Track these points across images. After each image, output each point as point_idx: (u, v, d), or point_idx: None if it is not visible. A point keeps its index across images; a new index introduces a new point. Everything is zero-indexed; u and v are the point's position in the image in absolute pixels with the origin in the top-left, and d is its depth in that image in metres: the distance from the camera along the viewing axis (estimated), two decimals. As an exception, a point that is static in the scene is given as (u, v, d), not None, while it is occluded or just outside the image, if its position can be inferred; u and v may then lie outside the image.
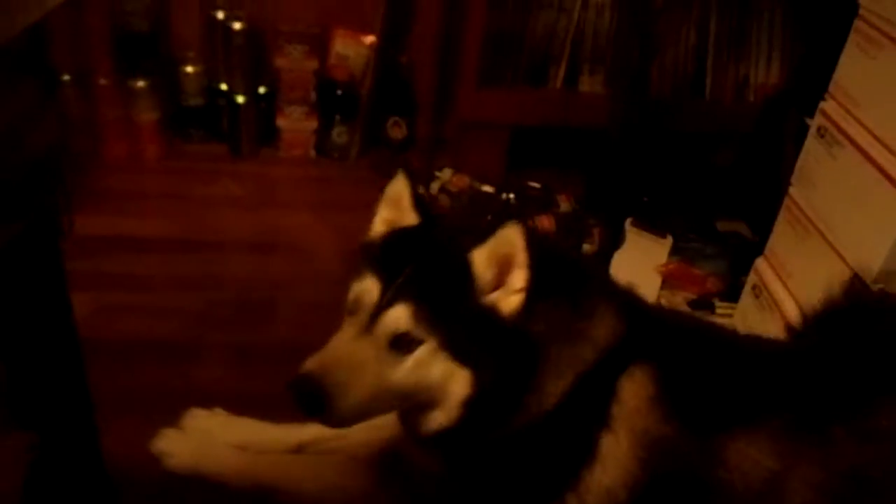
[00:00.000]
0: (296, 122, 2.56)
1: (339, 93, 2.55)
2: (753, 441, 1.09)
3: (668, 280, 2.04)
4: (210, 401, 1.53)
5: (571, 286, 1.16)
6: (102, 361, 1.34)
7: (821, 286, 1.56)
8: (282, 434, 1.47)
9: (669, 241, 2.04)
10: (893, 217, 1.41)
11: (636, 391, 1.11)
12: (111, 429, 1.33)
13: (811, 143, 1.66)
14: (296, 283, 2.03)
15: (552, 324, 1.11)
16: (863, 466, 1.08)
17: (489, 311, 1.06)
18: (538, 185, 2.43)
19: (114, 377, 1.54)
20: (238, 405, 1.53)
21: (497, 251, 1.06)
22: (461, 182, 2.41)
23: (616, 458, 1.10)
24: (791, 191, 1.72)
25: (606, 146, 2.22)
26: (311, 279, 2.04)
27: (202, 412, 1.50)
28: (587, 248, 2.20)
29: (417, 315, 1.03)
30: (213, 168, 2.49)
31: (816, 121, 1.64)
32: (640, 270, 2.00)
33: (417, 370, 1.05)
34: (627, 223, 2.08)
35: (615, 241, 2.10)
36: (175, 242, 2.15)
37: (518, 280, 1.06)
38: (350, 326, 1.08)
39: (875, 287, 1.44)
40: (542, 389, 1.10)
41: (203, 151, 2.55)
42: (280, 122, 2.55)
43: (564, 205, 2.38)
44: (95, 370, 1.28)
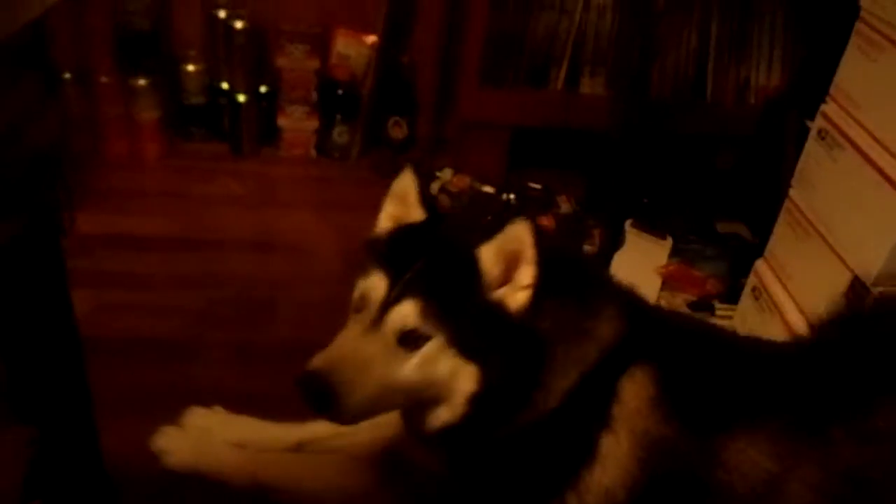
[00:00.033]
0: (297, 122, 2.56)
1: (341, 92, 2.55)
2: (753, 442, 1.09)
3: (668, 281, 2.04)
4: (209, 399, 1.53)
5: (577, 285, 1.16)
6: (102, 359, 1.34)
7: (821, 288, 1.57)
8: (281, 433, 1.47)
9: (669, 243, 2.05)
10: (894, 219, 1.41)
11: (637, 391, 1.11)
12: (111, 426, 1.33)
13: (812, 146, 1.66)
14: (296, 283, 2.03)
15: (558, 322, 1.11)
16: (862, 468, 1.08)
17: (497, 307, 1.06)
18: (538, 186, 2.43)
19: (113, 375, 1.54)
20: (238, 404, 1.53)
21: (505, 247, 1.06)
22: (462, 182, 2.41)
23: (616, 458, 1.10)
24: (791, 193, 1.72)
25: (607, 147, 2.22)
26: (311, 278, 2.04)
27: (202, 410, 1.49)
28: (587, 249, 2.20)
29: (425, 311, 1.03)
30: (214, 167, 2.49)
31: (817, 123, 1.64)
32: (640, 272, 2.00)
33: (425, 366, 1.05)
34: (627, 224, 2.09)
35: (615, 243, 2.10)
36: (175, 241, 2.15)
37: (526, 276, 1.06)
38: (357, 323, 1.07)
39: (875, 290, 1.44)
40: (547, 388, 1.10)
41: (204, 150, 2.55)
42: (281, 122, 2.55)
43: (565, 206, 2.38)
44: (95, 368, 1.28)
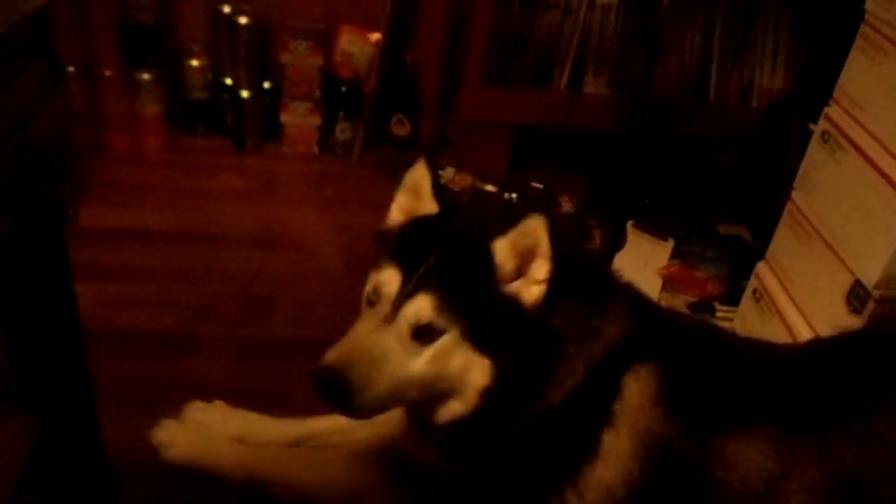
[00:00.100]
0: (300, 118, 2.56)
1: (344, 89, 2.55)
2: (752, 442, 1.10)
3: (669, 282, 2.04)
4: (210, 393, 1.53)
5: (587, 283, 1.16)
6: (103, 352, 1.34)
7: (822, 291, 1.58)
8: (281, 427, 1.48)
9: (671, 244, 2.05)
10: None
11: (640, 389, 1.11)
12: (111, 419, 1.34)
13: (814, 148, 1.67)
14: (297, 279, 2.03)
15: (570, 320, 1.11)
16: (861, 469, 1.08)
17: (511, 301, 1.06)
18: (540, 186, 2.44)
19: (114, 368, 1.55)
20: (238, 398, 1.53)
21: (520, 241, 1.06)
22: (464, 181, 2.42)
23: (617, 456, 1.10)
24: (793, 195, 1.73)
25: (610, 148, 2.22)
26: (312, 274, 2.05)
27: (202, 404, 1.50)
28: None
29: (440, 305, 1.03)
30: (217, 162, 2.49)
31: (820, 126, 1.65)
32: (641, 272, 2.00)
33: (439, 360, 1.05)
34: (629, 225, 2.09)
35: (616, 243, 2.10)
36: (177, 236, 2.15)
37: (541, 271, 1.06)
38: (370, 317, 1.07)
39: (876, 293, 1.44)
40: (556, 384, 1.10)
41: (207, 145, 2.56)
42: (284, 118, 2.55)
43: (566, 206, 2.38)
44: (96, 361, 1.29)
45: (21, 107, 0.93)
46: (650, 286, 2.00)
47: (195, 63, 2.50)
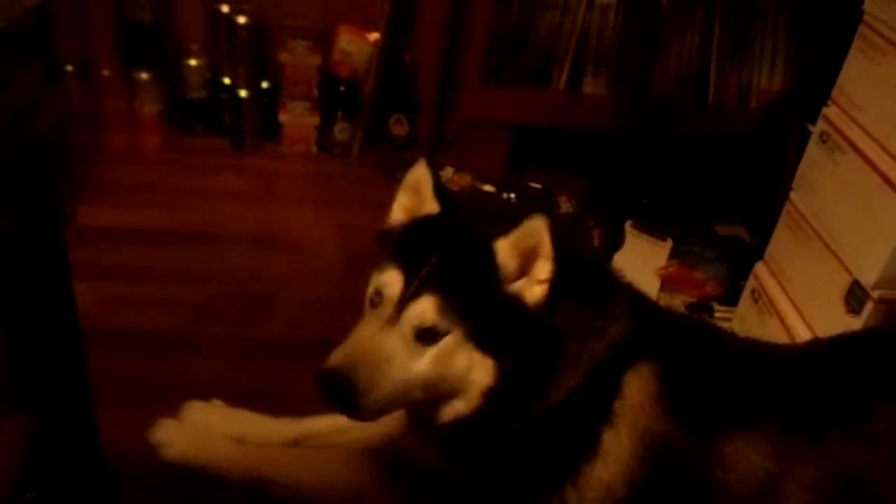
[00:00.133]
0: (298, 118, 2.56)
1: (342, 89, 2.55)
2: (751, 441, 1.10)
3: (668, 283, 2.05)
4: (208, 392, 1.53)
5: (589, 283, 1.16)
6: (101, 352, 1.34)
7: (820, 292, 1.58)
8: (280, 427, 1.47)
9: (669, 244, 2.05)
10: (894, 223, 1.42)
11: (640, 388, 1.11)
12: (109, 418, 1.34)
13: (813, 149, 1.67)
14: (295, 278, 2.03)
15: (572, 319, 1.11)
16: (859, 469, 1.08)
17: (514, 300, 1.06)
18: (539, 186, 2.44)
19: (113, 367, 1.54)
20: (236, 397, 1.53)
21: (522, 242, 1.06)
22: (462, 181, 2.42)
23: (617, 454, 1.10)
24: (792, 196, 1.73)
25: (608, 148, 2.22)
26: (311, 274, 2.05)
27: (200, 404, 1.50)
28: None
29: (443, 307, 1.03)
30: (215, 162, 2.49)
31: (819, 126, 1.65)
32: (640, 273, 2.00)
33: (442, 360, 1.05)
34: (627, 225, 2.09)
35: (615, 243, 2.10)
36: (175, 235, 2.15)
37: (543, 271, 1.06)
38: (374, 318, 1.07)
39: (875, 293, 1.44)
40: (559, 383, 1.10)
41: (205, 145, 2.55)
42: (282, 118, 2.55)
43: (565, 206, 2.39)
44: (94, 360, 1.29)
45: (20, 104, 0.93)
46: (648, 286, 1.99)
47: (194, 62, 2.50)
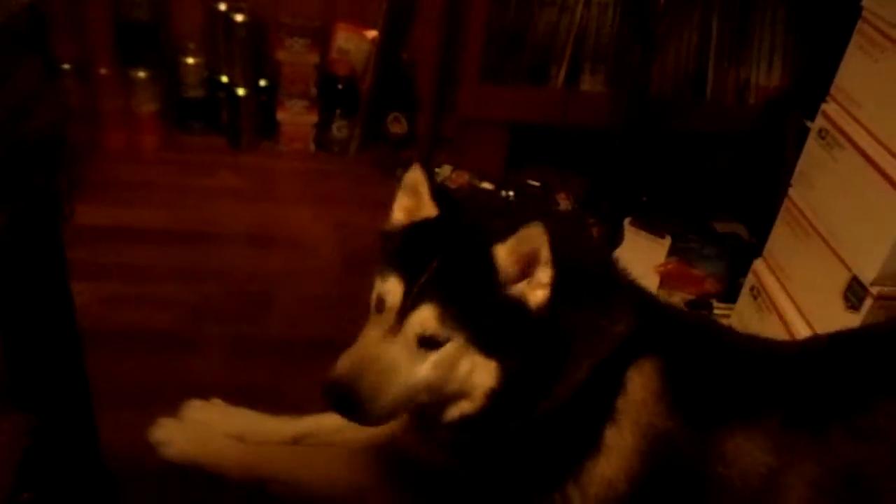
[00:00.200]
0: (296, 116, 2.55)
1: (340, 87, 2.54)
2: (752, 437, 1.10)
3: (666, 280, 2.04)
4: (208, 391, 1.53)
5: (592, 282, 1.16)
6: (99, 351, 1.33)
7: (819, 288, 1.58)
8: (279, 425, 1.47)
9: (668, 242, 2.05)
10: (893, 219, 1.42)
11: (643, 384, 1.12)
12: (109, 418, 1.33)
13: (812, 145, 1.67)
14: (293, 277, 2.03)
15: (575, 319, 1.11)
16: (859, 464, 1.09)
17: (515, 303, 1.06)
18: (537, 184, 2.44)
19: (111, 367, 1.53)
20: (236, 396, 1.52)
21: (519, 248, 1.05)
22: (460, 179, 2.42)
23: (619, 450, 1.10)
24: (791, 192, 1.73)
25: (607, 145, 2.22)
26: (309, 272, 2.04)
27: (200, 402, 1.49)
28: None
29: (443, 316, 1.04)
30: (213, 160, 2.48)
31: (817, 123, 1.65)
32: (639, 270, 1.97)
33: (445, 365, 1.06)
34: (626, 223, 2.09)
35: (614, 241, 2.10)
36: (173, 234, 2.14)
37: (543, 276, 1.06)
38: (377, 325, 1.08)
39: (874, 289, 1.44)
40: (563, 382, 1.10)
41: (202, 143, 2.55)
42: (280, 116, 2.54)
43: (563, 203, 2.38)
44: (93, 359, 1.28)
45: (17, 101, 0.93)
46: (647, 284, 1.97)
47: (191, 61, 2.49)
